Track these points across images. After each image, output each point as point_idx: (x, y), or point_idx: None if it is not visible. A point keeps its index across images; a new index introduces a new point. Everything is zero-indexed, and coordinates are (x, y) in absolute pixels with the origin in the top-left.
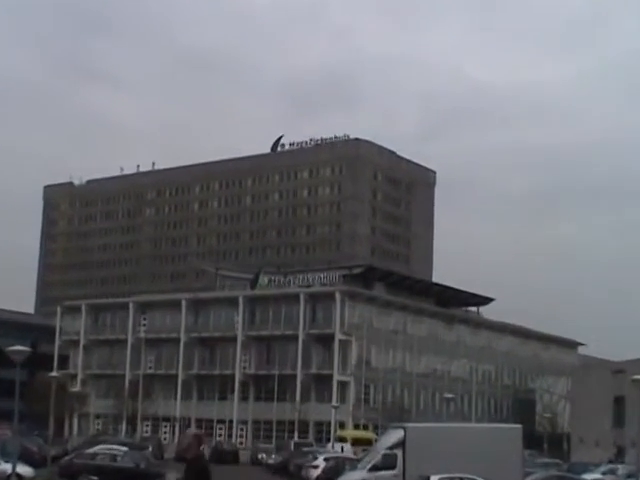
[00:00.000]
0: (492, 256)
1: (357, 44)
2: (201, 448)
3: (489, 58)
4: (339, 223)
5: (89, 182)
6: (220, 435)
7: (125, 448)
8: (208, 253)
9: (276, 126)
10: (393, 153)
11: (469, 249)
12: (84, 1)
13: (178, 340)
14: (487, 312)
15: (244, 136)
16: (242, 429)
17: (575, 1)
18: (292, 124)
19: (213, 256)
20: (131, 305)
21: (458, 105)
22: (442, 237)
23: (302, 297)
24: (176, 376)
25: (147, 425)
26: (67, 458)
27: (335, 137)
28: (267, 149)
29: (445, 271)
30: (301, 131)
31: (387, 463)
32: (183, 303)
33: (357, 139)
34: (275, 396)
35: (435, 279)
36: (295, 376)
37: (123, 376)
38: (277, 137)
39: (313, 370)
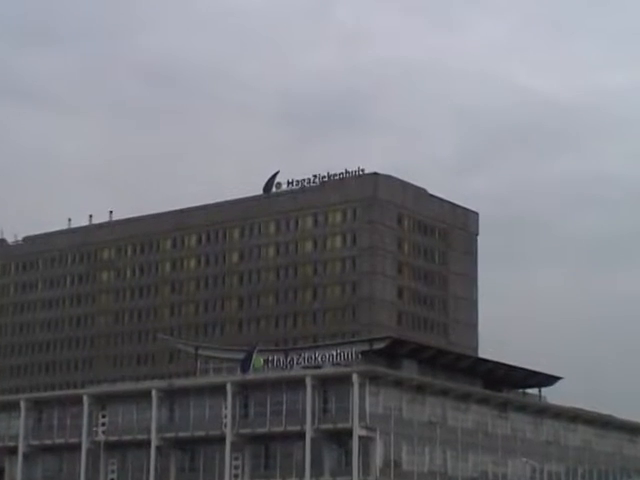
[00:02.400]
0: (557, 320)
1: (372, 50)
2: None
3: (548, 62)
4: (355, 284)
5: (27, 239)
6: None
7: None
8: (185, 327)
9: (270, 160)
10: (422, 191)
11: (525, 312)
12: (12, 6)
13: (148, 443)
14: (552, 395)
15: (229, 173)
16: None
17: None
18: (291, 157)
19: (191, 331)
20: (86, 399)
21: (507, 124)
22: (489, 298)
23: (309, 382)
24: None
25: None
26: None
27: (346, 172)
28: (259, 190)
29: (495, 343)
30: (302, 166)
31: None
32: (154, 394)
33: (375, 174)
34: None
35: (482, 353)
36: None
37: None
38: (272, 174)
39: (326, 477)
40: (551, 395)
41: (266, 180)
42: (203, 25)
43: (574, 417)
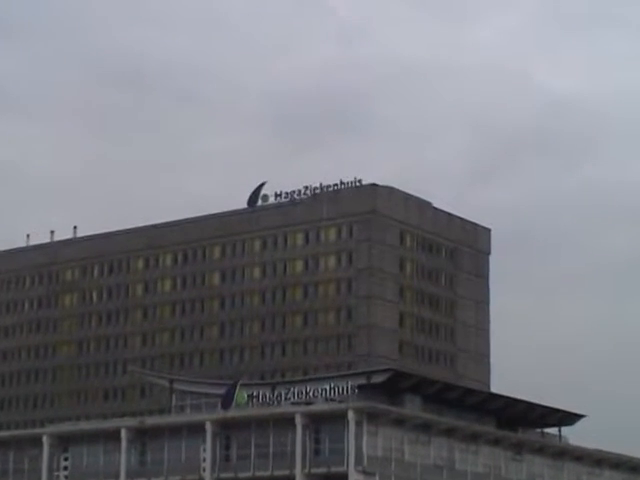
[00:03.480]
0: (579, 351)
1: (373, 46)
2: None
3: (570, 58)
4: (351, 309)
5: None
6: None
7: None
8: (159, 358)
9: (255, 169)
10: (427, 204)
11: (544, 342)
12: None
13: None
14: (574, 435)
15: (209, 184)
16: None
17: None
18: (279, 165)
19: (166, 363)
20: (46, 439)
21: (524, 128)
22: (502, 326)
23: (299, 420)
24: None
25: None
26: None
27: (341, 183)
28: (243, 203)
29: (509, 376)
30: (292, 176)
31: None
32: (123, 434)
33: (374, 185)
34: None
35: (494, 388)
36: None
37: None
38: (257, 185)
39: None
40: (573, 435)
41: (251, 192)
42: (181, 20)
43: (598, 460)
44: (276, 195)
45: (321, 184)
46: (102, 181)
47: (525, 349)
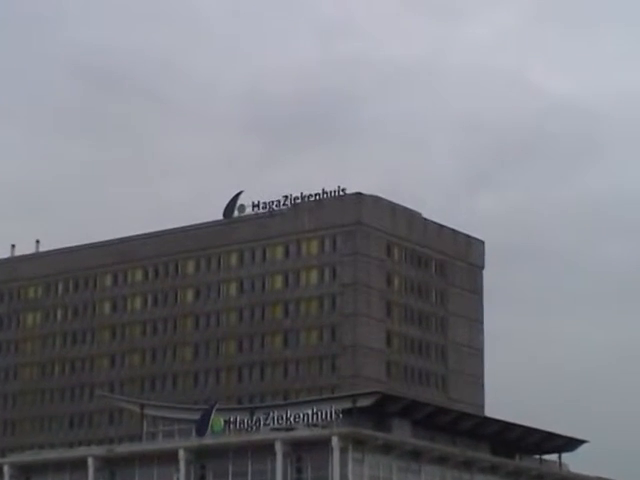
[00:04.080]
0: (580, 373)
1: (358, 44)
2: None
3: (567, 58)
4: (334, 328)
5: None
6: None
7: None
8: (128, 382)
9: (232, 178)
10: (416, 215)
11: (542, 363)
12: None
13: None
14: (575, 462)
15: (182, 194)
16: None
17: None
18: (256, 174)
19: (136, 386)
20: (7, 469)
21: (520, 132)
22: (497, 345)
23: (280, 447)
24: None
25: None
26: None
27: (324, 193)
28: (218, 215)
29: (504, 399)
30: (271, 185)
31: None
32: (90, 463)
33: (359, 194)
34: None
35: (489, 412)
36: None
37: None
38: (233, 195)
39: None
40: (574, 462)
41: (227, 203)
42: (149, 14)
43: None
44: (254, 205)
45: (302, 194)
46: (66, 191)
47: (522, 370)
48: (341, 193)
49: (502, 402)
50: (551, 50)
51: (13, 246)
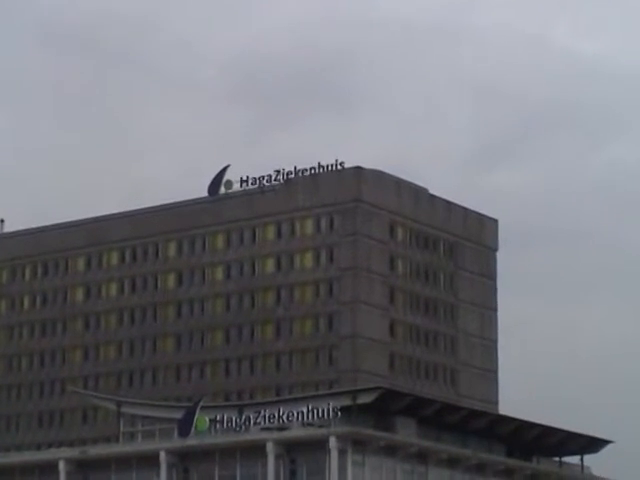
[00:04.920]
0: (604, 366)
1: (358, 2)
2: None
3: (596, 17)
4: (332, 317)
5: None
6: None
7: None
8: (104, 377)
9: (218, 151)
10: (423, 191)
11: (562, 355)
12: None
13: None
14: (598, 465)
15: (162, 169)
16: None
17: None
18: (245, 146)
19: (112, 382)
20: None
21: (539, 102)
22: (511, 335)
23: (271, 448)
24: None
25: None
26: None
27: (320, 167)
28: (203, 192)
29: (520, 395)
30: (261, 158)
31: None
32: (62, 466)
33: (359, 169)
34: None
35: (503, 409)
36: None
37: None
38: (219, 170)
39: None
40: (596, 464)
41: (212, 178)
42: None
43: None
44: (242, 181)
45: (295, 168)
46: (34, 165)
47: (539, 363)
48: (339, 167)
49: (517, 398)
50: (578, 8)
51: None
